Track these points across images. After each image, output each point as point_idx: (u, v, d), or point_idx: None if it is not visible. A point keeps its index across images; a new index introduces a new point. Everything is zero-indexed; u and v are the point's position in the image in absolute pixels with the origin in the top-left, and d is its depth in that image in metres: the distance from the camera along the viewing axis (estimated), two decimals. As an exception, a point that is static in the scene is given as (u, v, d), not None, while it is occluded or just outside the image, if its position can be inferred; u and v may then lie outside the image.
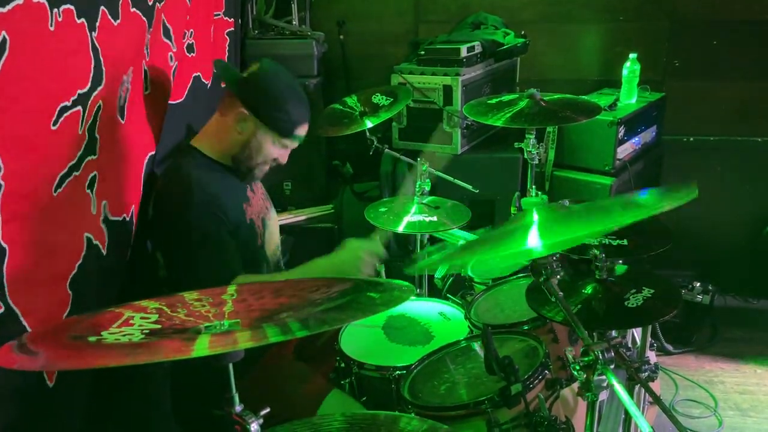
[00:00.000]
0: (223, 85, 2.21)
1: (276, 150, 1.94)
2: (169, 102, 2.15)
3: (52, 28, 1.32)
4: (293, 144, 1.97)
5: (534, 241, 1.24)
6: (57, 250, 1.45)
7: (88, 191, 1.59)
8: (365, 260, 1.91)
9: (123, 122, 1.79)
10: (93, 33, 1.50)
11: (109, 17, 1.59)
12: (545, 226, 1.28)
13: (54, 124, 1.37)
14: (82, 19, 1.45)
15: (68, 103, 1.40)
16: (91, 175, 1.60)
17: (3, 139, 1.21)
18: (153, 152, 1.99)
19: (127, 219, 1.79)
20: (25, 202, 1.31)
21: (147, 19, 1.83)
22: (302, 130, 1.94)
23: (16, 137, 1.25)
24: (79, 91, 1.45)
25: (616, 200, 1.47)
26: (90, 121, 1.53)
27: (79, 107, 1.45)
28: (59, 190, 1.43)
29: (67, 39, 1.39)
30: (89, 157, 1.57)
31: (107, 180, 1.68)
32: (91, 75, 1.50)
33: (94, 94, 1.52)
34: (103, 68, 1.55)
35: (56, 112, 1.37)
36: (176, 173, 1.88)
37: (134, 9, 1.75)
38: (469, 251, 1.48)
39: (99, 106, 1.56)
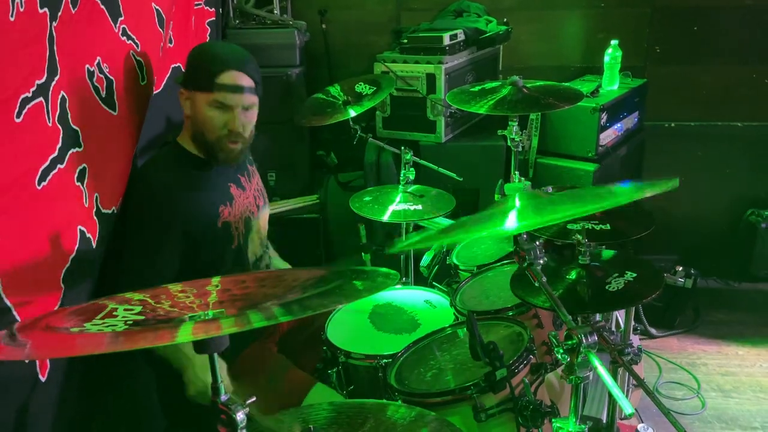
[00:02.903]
0: None
1: (215, 113, 1.76)
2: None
3: (12, 18, 1.29)
4: (226, 98, 1.74)
5: (512, 223, 1.24)
6: (51, 244, 1.45)
7: (78, 184, 1.58)
8: None
9: (116, 114, 1.76)
10: (53, 23, 1.47)
11: (70, 5, 1.56)
12: (525, 210, 1.29)
13: (18, 117, 1.34)
14: (45, 9, 1.42)
15: (29, 95, 1.37)
16: (80, 167, 1.58)
17: None
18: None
19: (116, 211, 1.78)
20: (6, 196, 1.30)
21: (106, 8, 1.78)
22: (226, 78, 1.74)
23: None
24: (37, 82, 1.42)
25: (597, 188, 1.48)
26: (58, 113, 1.50)
27: (41, 98, 1.42)
28: (44, 183, 1.42)
29: (26, 29, 1.36)
30: (73, 150, 1.55)
31: (99, 173, 1.66)
32: (46, 65, 1.46)
33: (53, 84, 1.48)
34: (57, 58, 1.51)
35: (18, 104, 1.34)
36: (142, 171, 1.86)
37: None
38: (449, 233, 1.48)
39: (63, 97, 1.53)
